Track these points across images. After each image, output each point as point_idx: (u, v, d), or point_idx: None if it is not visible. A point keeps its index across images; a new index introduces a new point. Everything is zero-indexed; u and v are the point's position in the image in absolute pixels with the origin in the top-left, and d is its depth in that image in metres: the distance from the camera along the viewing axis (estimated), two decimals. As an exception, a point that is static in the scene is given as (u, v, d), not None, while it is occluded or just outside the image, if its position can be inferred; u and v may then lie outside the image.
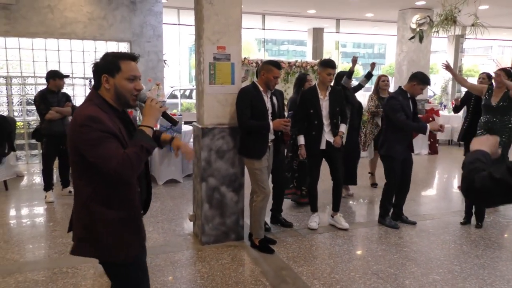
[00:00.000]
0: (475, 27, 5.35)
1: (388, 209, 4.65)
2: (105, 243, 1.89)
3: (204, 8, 3.80)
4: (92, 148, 1.78)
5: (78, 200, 1.92)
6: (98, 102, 1.88)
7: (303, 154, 4.32)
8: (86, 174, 1.87)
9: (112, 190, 1.89)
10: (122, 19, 8.32)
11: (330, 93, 4.31)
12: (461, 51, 15.82)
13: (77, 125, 1.80)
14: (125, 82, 1.90)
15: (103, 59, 1.94)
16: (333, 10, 11.46)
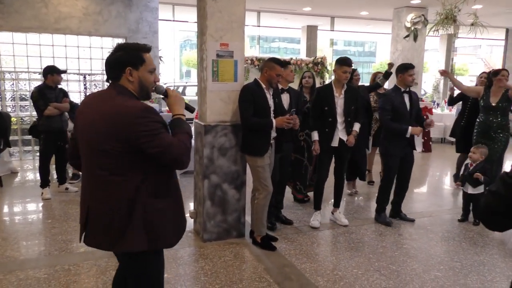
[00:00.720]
0: (475, 26, 5.41)
1: (384, 206, 4.69)
2: (157, 232, 1.90)
3: (208, 5, 3.78)
4: (154, 138, 1.79)
5: (121, 194, 1.84)
6: (130, 94, 1.91)
7: (317, 150, 4.34)
8: (134, 167, 1.84)
9: (159, 180, 1.91)
10: (118, 15, 8.25)
11: (345, 92, 4.33)
12: (453, 50, 16.00)
13: (133, 117, 1.77)
14: (147, 74, 1.93)
15: (124, 51, 1.91)
16: (329, 7, 11.48)
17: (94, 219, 1.91)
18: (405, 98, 4.47)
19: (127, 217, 1.85)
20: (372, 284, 3.29)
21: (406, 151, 4.55)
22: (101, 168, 1.85)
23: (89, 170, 1.92)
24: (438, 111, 10.89)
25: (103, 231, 1.89)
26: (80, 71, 8.22)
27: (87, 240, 1.96)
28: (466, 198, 4.76)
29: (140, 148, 1.80)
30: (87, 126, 1.89)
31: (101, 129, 1.81)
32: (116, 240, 1.87)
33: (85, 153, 1.94)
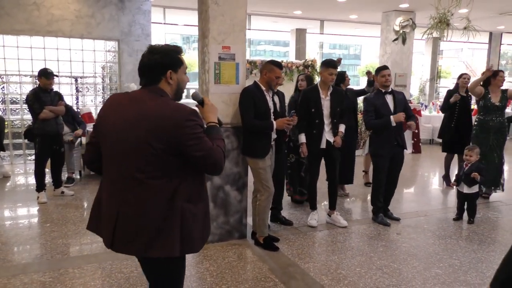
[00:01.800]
0: (468, 30, 5.58)
1: (378, 206, 4.77)
2: (190, 238, 1.88)
3: (210, 8, 3.82)
4: (199, 142, 1.81)
5: (158, 198, 1.82)
6: (168, 96, 1.91)
7: (305, 152, 4.39)
8: (172, 170, 1.83)
9: (194, 185, 1.92)
10: (111, 18, 8.21)
11: (331, 93, 4.39)
12: (438, 53, 16.32)
13: (183, 120, 1.78)
14: (184, 76, 1.98)
15: (162, 54, 1.89)
16: (319, 11, 11.61)
17: (125, 224, 1.85)
18: (388, 99, 4.57)
19: (162, 221, 1.83)
20: (375, 282, 3.36)
21: (395, 151, 4.63)
22: (138, 171, 1.80)
23: (120, 174, 1.85)
24: (426, 113, 11.09)
25: (136, 236, 1.84)
26: (72, 74, 8.14)
27: (117, 246, 1.89)
28: (461, 197, 4.87)
29: (184, 151, 1.80)
30: (120, 129, 1.83)
31: (143, 130, 1.77)
32: (149, 245, 1.83)
33: (115, 156, 1.86)
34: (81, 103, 8.35)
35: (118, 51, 8.43)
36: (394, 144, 4.60)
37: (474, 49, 28.04)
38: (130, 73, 8.36)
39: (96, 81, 8.58)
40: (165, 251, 1.84)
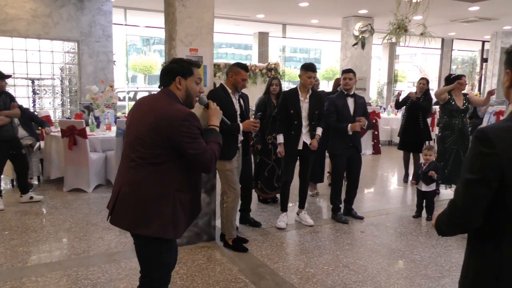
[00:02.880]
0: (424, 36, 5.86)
1: (337, 205, 4.92)
2: (178, 223, 2.13)
3: (177, 10, 3.81)
4: (193, 141, 2.07)
5: (154, 182, 2.08)
6: (177, 99, 2.19)
7: (282, 152, 4.45)
8: (168, 162, 2.08)
9: (186, 177, 2.15)
10: (69, 18, 7.98)
11: (310, 96, 4.49)
12: (394, 57, 16.95)
13: (179, 120, 2.05)
14: (194, 84, 2.26)
15: (178, 63, 2.25)
16: (281, 15, 11.78)
17: (123, 201, 2.13)
18: (349, 102, 4.74)
19: (156, 204, 2.08)
20: (343, 279, 3.46)
21: (351, 152, 4.79)
22: (140, 157, 2.09)
23: (128, 158, 2.16)
24: (385, 115, 11.48)
25: (130, 212, 2.11)
26: (29, 75, 7.84)
27: (113, 219, 2.18)
28: (419, 195, 5.10)
29: (179, 147, 2.06)
30: (136, 121, 2.17)
31: (149, 123, 2.08)
32: (141, 222, 2.08)
33: (128, 141, 2.19)
34: (38, 106, 8.04)
35: (77, 52, 8.20)
36: (349, 145, 4.76)
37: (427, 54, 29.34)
38: (91, 74, 8.17)
39: (55, 83, 8.30)
40: (153, 230, 2.07)
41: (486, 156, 1.35)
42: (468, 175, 1.40)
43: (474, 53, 20.94)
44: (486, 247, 1.45)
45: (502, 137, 1.35)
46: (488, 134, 1.36)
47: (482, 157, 1.36)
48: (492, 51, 14.97)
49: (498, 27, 13.42)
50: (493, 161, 1.34)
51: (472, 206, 1.41)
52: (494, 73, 14.75)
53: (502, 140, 1.33)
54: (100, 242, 4.16)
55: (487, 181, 1.36)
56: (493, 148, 1.33)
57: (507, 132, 1.36)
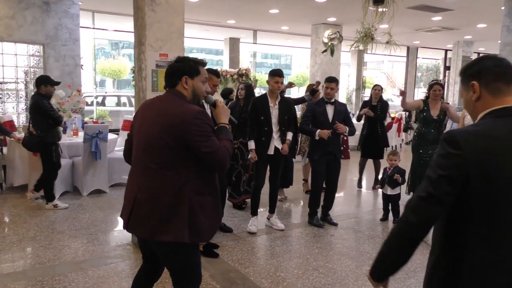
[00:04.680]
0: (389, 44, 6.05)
1: (314, 210, 4.99)
2: (198, 227, 2.09)
3: (147, 15, 3.79)
4: (205, 140, 2.04)
5: (170, 187, 2.05)
6: (185, 99, 2.15)
7: (254, 158, 4.47)
8: (184, 163, 2.05)
9: (204, 179, 2.12)
10: (34, 20, 7.75)
11: (280, 102, 4.54)
12: (363, 64, 17.37)
13: (190, 118, 2.02)
14: (200, 84, 2.22)
15: (183, 62, 2.20)
16: (252, 21, 11.87)
17: (140, 208, 2.09)
18: (328, 109, 4.83)
19: (172, 209, 2.04)
20: (312, 282, 3.51)
21: (329, 158, 4.87)
22: (153, 162, 2.07)
23: (141, 164, 2.14)
24: (354, 120, 11.69)
25: (147, 220, 2.07)
26: (-9, 79, 7.57)
27: (130, 227, 2.15)
28: (385, 199, 5.23)
29: (191, 146, 2.02)
30: (146, 124, 2.13)
31: (160, 126, 2.04)
32: (159, 229, 2.04)
33: (139, 148, 2.15)
34: (1, 111, 7.76)
35: (43, 56, 7.97)
36: (327, 151, 4.83)
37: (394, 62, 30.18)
38: (57, 78, 7.82)
39: (18, 87, 8.04)
40: (172, 236, 2.04)
41: (453, 156, 1.38)
42: (433, 173, 1.42)
43: (438, 61, 21.73)
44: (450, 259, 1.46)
45: (469, 140, 1.39)
46: (456, 137, 1.40)
47: (449, 157, 1.40)
48: (454, 59, 15.58)
49: (459, 37, 13.99)
50: (460, 162, 1.37)
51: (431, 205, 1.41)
52: (456, 80, 15.34)
53: (469, 143, 1.38)
54: (67, 250, 4.05)
55: (452, 179, 1.38)
56: (460, 150, 1.37)
57: (474, 136, 1.41)
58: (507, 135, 1.40)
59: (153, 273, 2.46)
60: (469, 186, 1.38)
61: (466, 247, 1.42)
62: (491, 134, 1.41)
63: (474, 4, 8.80)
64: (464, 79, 1.55)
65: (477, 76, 1.50)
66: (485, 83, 1.48)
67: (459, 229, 1.44)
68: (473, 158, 1.37)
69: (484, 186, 1.37)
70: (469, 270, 1.41)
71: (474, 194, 1.38)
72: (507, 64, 1.51)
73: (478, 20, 10.73)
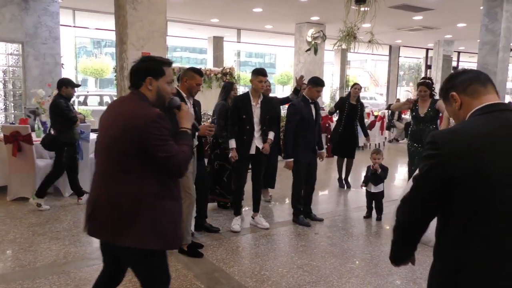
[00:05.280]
0: (371, 43, 6.11)
1: (299, 209, 5.01)
2: (165, 233, 2.04)
3: (128, 13, 3.76)
4: (163, 144, 1.98)
5: (129, 191, 1.99)
6: (148, 101, 2.09)
7: (234, 157, 4.45)
8: (142, 169, 2.00)
9: (166, 182, 2.07)
10: (12, 18, 7.60)
11: (262, 101, 4.53)
12: (346, 63, 17.51)
13: (149, 121, 1.96)
14: (165, 85, 2.15)
15: (148, 62, 2.15)
16: (235, 20, 11.85)
17: (100, 212, 2.05)
18: (312, 108, 4.86)
19: (133, 213, 1.99)
20: (297, 280, 3.52)
21: (310, 156, 4.92)
22: (112, 165, 2.03)
23: (101, 166, 2.09)
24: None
25: (108, 223, 2.03)
26: (-32, 78, 7.39)
27: (90, 230, 2.10)
28: (369, 196, 5.29)
29: (150, 150, 1.97)
30: (107, 126, 2.09)
31: (120, 129, 2.00)
32: (120, 233, 1.99)
33: (101, 150, 2.11)
34: (-22, 111, 7.59)
35: (22, 54, 7.81)
36: (310, 152, 4.87)
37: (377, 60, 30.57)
38: (37, 78, 7.81)
39: (-7, 87, 7.86)
40: (133, 241, 1.98)
41: (432, 156, 1.46)
42: (417, 173, 1.52)
43: (420, 59, 22.05)
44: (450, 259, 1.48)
45: (446, 138, 1.45)
46: (435, 138, 1.47)
47: (428, 158, 1.47)
48: (435, 58, 15.84)
49: (440, 36, 14.23)
50: (438, 162, 1.43)
51: (415, 200, 1.52)
52: (437, 79, 15.58)
53: (446, 142, 1.44)
54: (48, 252, 3.98)
55: (431, 180, 1.45)
56: (438, 150, 1.44)
57: (451, 134, 1.47)
58: (485, 130, 1.44)
59: (113, 279, 2.36)
60: (452, 184, 1.41)
61: (466, 246, 1.42)
62: (469, 131, 1.45)
63: (454, 4, 8.96)
64: (444, 95, 1.64)
65: (453, 87, 1.60)
66: (462, 90, 1.57)
67: (458, 228, 1.45)
68: (452, 156, 1.41)
69: (467, 182, 1.39)
70: (469, 270, 1.41)
71: (460, 192, 1.41)
72: (477, 71, 1.63)
73: (458, 19, 10.93)
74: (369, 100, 21.10)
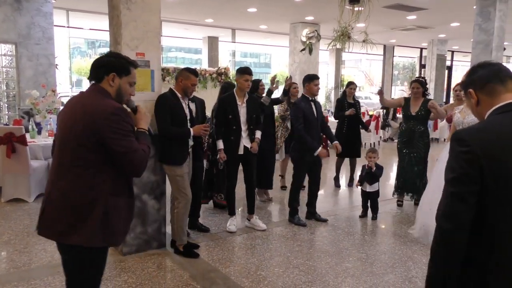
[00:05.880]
0: (366, 43, 6.13)
1: (295, 208, 5.00)
2: (112, 229, 2.00)
3: (122, 13, 3.73)
4: (122, 138, 1.93)
5: (83, 187, 1.93)
6: (108, 96, 2.04)
7: (223, 158, 4.45)
8: (97, 164, 1.95)
9: (121, 179, 2.04)
10: (5, 19, 7.54)
11: (247, 100, 4.52)
12: (341, 63, 17.54)
13: (107, 113, 1.91)
14: (127, 85, 2.11)
15: (115, 58, 2.10)
16: (230, 20, 11.84)
17: (50, 208, 1.98)
18: (313, 107, 4.86)
19: (85, 209, 1.93)
20: (293, 280, 3.53)
21: (315, 156, 4.86)
22: (67, 159, 1.95)
23: (56, 161, 2.03)
24: (333, 119, 11.82)
25: (57, 220, 1.95)
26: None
27: (40, 229, 2.01)
28: (364, 196, 5.30)
29: (107, 144, 1.91)
30: (66, 121, 2.01)
31: (78, 122, 1.93)
32: (68, 231, 1.93)
33: (58, 144, 2.04)
34: (-29, 111, 7.53)
35: (15, 55, 7.76)
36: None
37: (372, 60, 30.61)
38: (31, 78, 7.76)
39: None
40: (84, 239, 1.93)
41: (464, 153, 1.43)
42: (450, 175, 1.45)
43: (414, 59, 22.13)
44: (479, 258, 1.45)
45: (474, 135, 1.46)
46: (462, 135, 1.47)
47: (460, 155, 1.44)
48: (429, 58, 15.91)
49: (434, 35, 14.29)
50: (471, 157, 1.41)
51: (459, 205, 1.41)
52: (431, 78, 15.66)
53: (475, 139, 1.44)
54: (43, 254, 3.96)
55: (470, 176, 1.40)
56: (468, 146, 1.42)
57: (478, 132, 1.49)
58: (506, 130, 1.45)
59: None
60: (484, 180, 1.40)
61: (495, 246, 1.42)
62: (493, 130, 1.47)
63: (447, 4, 9.00)
64: (464, 90, 1.65)
65: (471, 83, 1.60)
66: (479, 88, 1.57)
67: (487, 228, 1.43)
68: (481, 152, 1.40)
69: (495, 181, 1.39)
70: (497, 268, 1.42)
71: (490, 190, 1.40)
72: (498, 66, 1.59)
73: (452, 19, 10.98)
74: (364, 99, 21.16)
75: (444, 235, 1.44)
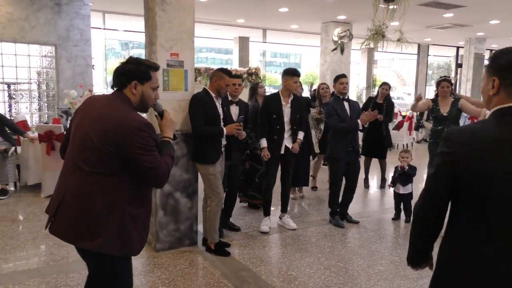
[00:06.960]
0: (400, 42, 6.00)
1: (335, 209, 4.94)
2: (129, 239, 1.97)
3: (157, 15, 3.81)
4: (147, 153, 1.90)
5: (101, 193, 1.91)
6: (131, 105, 2.02)
7: (266, 156, 4.45)
8: (119, 173, 1.92)
9: (138, 189, 2.00)
10: (46, 22, 7.84)
11: (292, 101, 4.53)
12: (373, 62, 17.26)
13: (135, 129, 1.88)
14: (150, 91, 2.08)
15: (135, 65, 2.05)
16: (261, 20, 11.86)
17: (66, 210, 1.94)
18: (345, 106, 4.81)
19: (103, 217, 1.91)
20: (324, 281, 3.50)
21: (351, 156, 4.80)
22: (87, 164, 1.91)
23: (73, 163, 1.97)
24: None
25: (74, 224, 1.93)
26: (4, 79, 7.67)
27: (52, 228, 2.00)
28: (397, 198, 5.19)
29: (131, 158, 1.89)
30: (85, 123, 1.97)
31: (101, 129, 1.90)
32: (85, 236, 1.91)
33: (74, 145, 1.99)
34: (14, 111, 7.87)
35: (55, 57, 8.07)
36: (349, 150, 4.77)
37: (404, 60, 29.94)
38: (69, 79, 8.05)
39: (32, 88, 8.15)
40: (99, 246, 1.90)
41: (444, 154, 1.48)
42: (430, 169, 1.55)
43: (449, 58, 21.49)
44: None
45: (459, 137, 1.46)
46: (449, 135, 1.49)
47: (440, 155, 1.50)
48: (466, 57, 15.39)
49: (471, 34, 13.83)
50: (448, 159, 1.46)
51: (430, 195, 1.55)
52: (468, 78, 15.17)
53: (458, 140, 1.45)
54: (80, 248, 4.09)
55: (442, 176, 1.49)
56: (450, 148, 1.46)
57: (463, 132, 1.48)
58: (498, 134, 1.41)
59: None
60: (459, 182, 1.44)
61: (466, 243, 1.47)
62: (483, 133, 1.44)
63: (486, 1, 8.68)
64: (489, 68, 1.52)
65: (500, 72, 1.47)
66: (505, 84, 1.46)
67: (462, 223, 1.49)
68: (461, 155, 1.43)
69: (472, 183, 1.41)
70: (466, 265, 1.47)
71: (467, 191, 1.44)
72: None
73: (491, 16, 10.58)
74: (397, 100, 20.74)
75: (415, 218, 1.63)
